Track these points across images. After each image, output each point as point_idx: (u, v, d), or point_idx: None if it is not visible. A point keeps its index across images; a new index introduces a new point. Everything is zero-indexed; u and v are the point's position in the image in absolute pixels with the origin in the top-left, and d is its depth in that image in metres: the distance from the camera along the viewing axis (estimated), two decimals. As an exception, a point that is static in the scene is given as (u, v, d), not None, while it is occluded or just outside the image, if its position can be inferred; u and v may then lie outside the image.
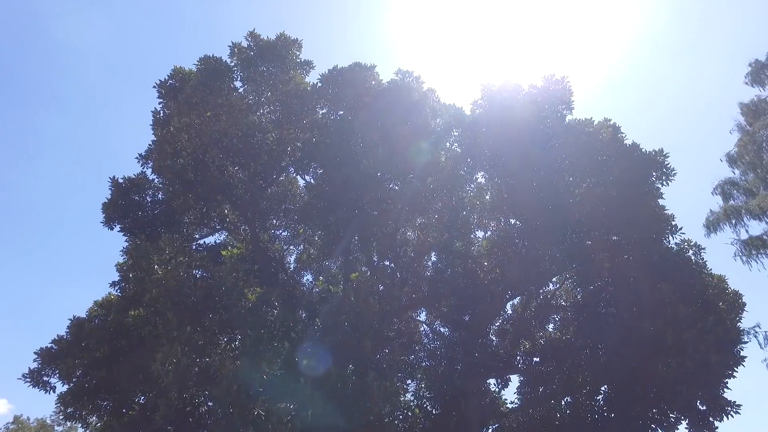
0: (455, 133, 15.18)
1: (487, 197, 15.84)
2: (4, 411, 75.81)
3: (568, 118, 13.99)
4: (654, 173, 13.05)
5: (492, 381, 14.54)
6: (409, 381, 14.54)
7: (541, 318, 15.28)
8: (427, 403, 13.12)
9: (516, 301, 16.42)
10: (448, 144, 15.37)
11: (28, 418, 54.58)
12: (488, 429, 13.37)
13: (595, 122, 13.50)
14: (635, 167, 12.72)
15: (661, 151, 13.04)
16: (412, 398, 13.26)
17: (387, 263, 15.84)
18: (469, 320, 14.59)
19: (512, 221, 15.14)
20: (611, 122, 13.51)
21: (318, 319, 11.97)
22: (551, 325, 16.28)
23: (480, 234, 16.59)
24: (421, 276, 15.90)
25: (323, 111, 15.12)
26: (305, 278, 19.14)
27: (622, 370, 11.65)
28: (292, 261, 19.12)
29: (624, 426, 12.17)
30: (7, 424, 54.03)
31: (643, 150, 13.11)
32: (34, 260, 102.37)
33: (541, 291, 15.45)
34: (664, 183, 13.12)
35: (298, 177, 16.95)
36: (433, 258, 16.83)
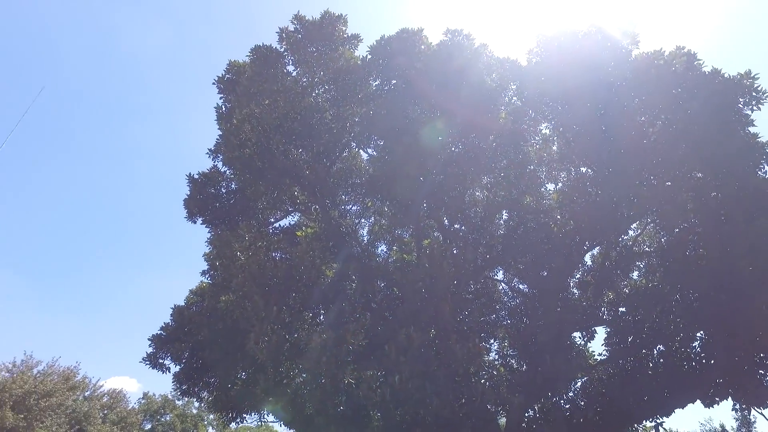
0: (513, 87, 14.62)
1: (554, 148, 15.24)
2: (135, 389, 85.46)
3: (635, 53, 13.00)
4: (741, 99, 11.88)
5: (577, 334, 14.30)
6: (491, 341, 14.64)
7: (624, 266, 14.66)
8: (512, 360, 13.20)
9: (595, 251, 15.86)
10: (506, 99, 14.86)
11: (154, 395, 61.08)
12: (577, 382, 13.23)
13: (666, 53, 12.44)
14: (717, 96, 11.64)
15: (748, 73, 11.79)
16: (496, 357, 13.39)
17: (458, 226, 15.80)
18: (547, 275, 14.33)
19: (583, 170, 14.51)
20: (685, 50, 12.36)
21: (396, 288, 12.29)
22: (635, 273, 15.62)
23: (550, 187, 16.09)
24: (493, 235, 15.73)
25: (376, 83, 15.08)
26: (379, 249, 19.55)
27: (719, 315, 11.02)
28: (364, 234, 19.56)
29: (727, 373, 11.61)
30: (139, 399, 60.73)
31: (725, 75, 11.94)
32: (140, 257, 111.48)
33: (620, 239, 14.79)
34: (755, 108, 11.92)
35: (360, 151, 17.17)
36: (504, 216, 16.57)
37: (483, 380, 9.86)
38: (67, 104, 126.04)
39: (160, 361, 15.96)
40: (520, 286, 16.57)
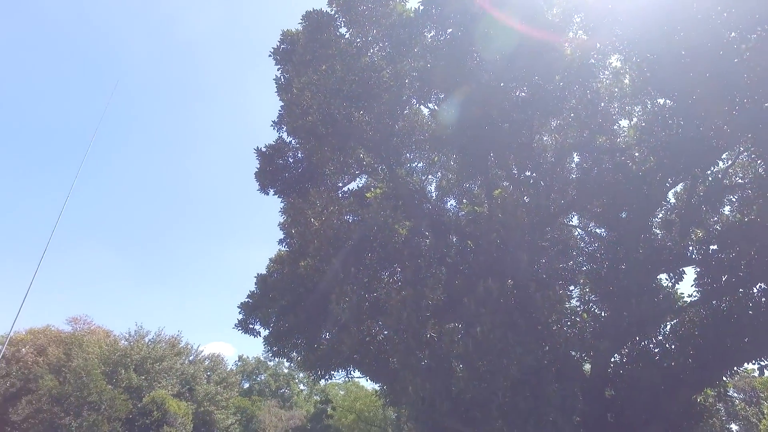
0: (577, 20, 13.61)
1: (626, 81, 14.15)
2: (231, 353, 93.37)
3: (718, -41, 11.60)
4: None
5: (663, 276, 13.63)
6: (571, 287, 14.32)
7: (713, 201, 13.61)
8: (594, 306, 12.86)
9: (678, 188, 14.86)
10: (571, 34, 13.91)
11: (248, 357, 66.11)
12: (666, 326, 12.71)
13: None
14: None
15: None
16: (577, 304, 13.11)
17: (528, 174, 15.32)
18: (626, 217, 13.65)
19: (661, 102, 13.43)
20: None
21: (469, 241, 12.24)
22: (727, 208, 14.52)
23: (624, 123, 15.11)
24: (566, 180, 15.14)
25: (431, 34, 14.60)
26: (449, 204, 19.46)
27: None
28: (433, 190, 19.50)
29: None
30: (235, 362, 66.12)
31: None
32: (225, 232, 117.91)
33: (708, 172, 13.72)
34: None
35: (422, 107, 16.90)
36: (576, 159, 15.86)
37: (565, 327, 9.73)
38: (139, 93, 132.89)
39: (251, 326, 17.07)
40: (597, 231, 15.95)
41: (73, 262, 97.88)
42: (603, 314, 12.46)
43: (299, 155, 17.42)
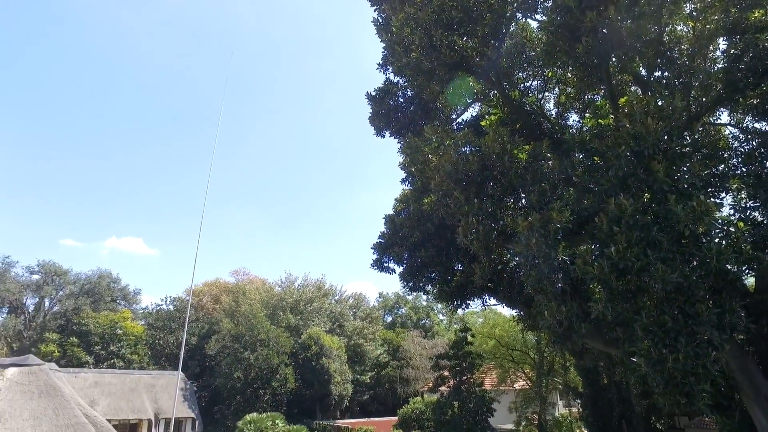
0: None
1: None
2: (372, 291, 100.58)
3: None
4: None
5: None
6: (722, 195, 12.81)
7: None
8: (755, 213, 11.39)
9: None
10: None
11: (387, 293, 70.58)
12: None
13: None
14: None
15: None
16: (731, 212, 11.72)
17: (659, 73, 13.66)
18: (792, 103, 11.62)
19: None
20: None
21: (596, 157, 11.46)
22: None
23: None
24: (708, 73, 13.20)
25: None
26: (570, 120, 18.22)
27: None
28: (551, 107, 18.34)
29: None
30: (376, 298, 71.11)
31: None
32: (355, 178, 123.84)
33: None
34: None
35: (528, 20, 15.68)
36: (722, 45, 13.68)
37: (716, 240, 8.83)
38: (252, 60, 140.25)
39: (385, 264, 18.07)
40: (755, 125, 13.83)
41: (227, 223, 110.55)
42: (766, 221, 11.02)
43: (408, 93, 17.38)
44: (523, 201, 13.07)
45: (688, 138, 11.58)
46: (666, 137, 9.44)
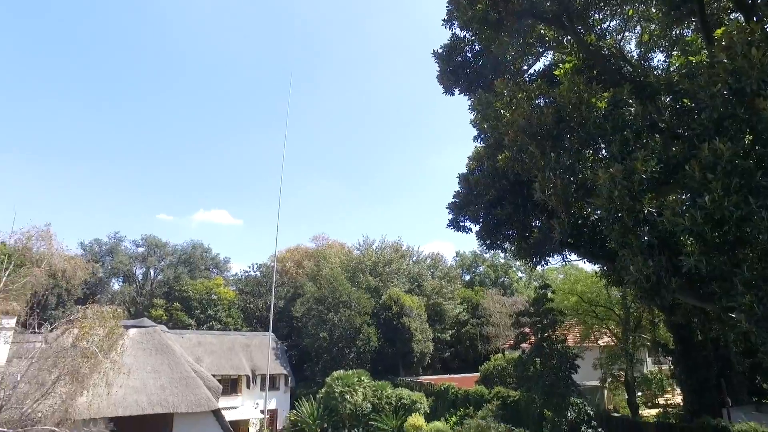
0: None
1: None
2: (449, 250, 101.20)
3: None
4: None
5: None
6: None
7: None
8: None
9: None
10: None
11: (465, 252, 70.61)
12: None
13: None
14: None
15: None
16: None
17: (763, -4, 12.10)
18: None
19: None
20: None
21: (686, 99, 10.56)
22: None
23: None
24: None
25: None
26: (655, 60, 16.78)
27: None
28: (632, 48, 16.95)
29: None
30: (454, 257, 71.46)
31: None
32: (427, 140, 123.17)
33: None
34: None
35: (605, -47, 14.41)
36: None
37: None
38: (316, 31, 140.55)
39: (461, 224, 17.96)
40: None
41: (305, 191, 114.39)
42: None
43: (476, 48, 16.74)
44: (603, 152, 12.37)
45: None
46: (770, 70, 8.46)
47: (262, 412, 36.44)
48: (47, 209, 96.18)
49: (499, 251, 19.15)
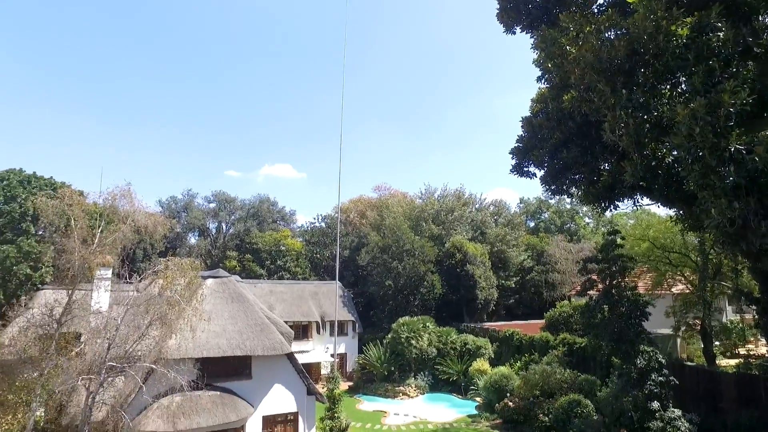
0: None
1: None
2: (512, 197, 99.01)
3: None
4: None
5: None
6: None
7: None
8: None
9: None
10: None
11: (529, 198, 69.08)
12: None
13: None
14: None
15: None
16: None
17: None
18: None
19: None
20: None
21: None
22: None
23: None
24: None
25: None
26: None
27: None
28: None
29: None
30: (517, 204, 70.00)
31: None
32: (486, 82, 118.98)
33: None
34: None
35: None
36: None
37: None
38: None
39: (525, 169, 17.37)
40: None
41: (366, 141, 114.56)
42: None
43: (540, -21, 15.54)
44: (683, 86, 11.33)
45: None
46: None
47: (332, 356, 38.40)
48: (128, 171, 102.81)
49: (565, 196, 18.40)
